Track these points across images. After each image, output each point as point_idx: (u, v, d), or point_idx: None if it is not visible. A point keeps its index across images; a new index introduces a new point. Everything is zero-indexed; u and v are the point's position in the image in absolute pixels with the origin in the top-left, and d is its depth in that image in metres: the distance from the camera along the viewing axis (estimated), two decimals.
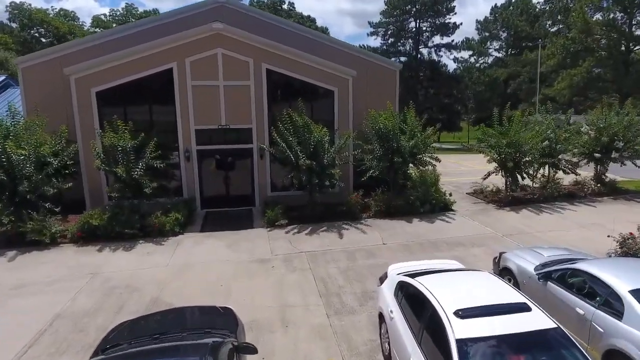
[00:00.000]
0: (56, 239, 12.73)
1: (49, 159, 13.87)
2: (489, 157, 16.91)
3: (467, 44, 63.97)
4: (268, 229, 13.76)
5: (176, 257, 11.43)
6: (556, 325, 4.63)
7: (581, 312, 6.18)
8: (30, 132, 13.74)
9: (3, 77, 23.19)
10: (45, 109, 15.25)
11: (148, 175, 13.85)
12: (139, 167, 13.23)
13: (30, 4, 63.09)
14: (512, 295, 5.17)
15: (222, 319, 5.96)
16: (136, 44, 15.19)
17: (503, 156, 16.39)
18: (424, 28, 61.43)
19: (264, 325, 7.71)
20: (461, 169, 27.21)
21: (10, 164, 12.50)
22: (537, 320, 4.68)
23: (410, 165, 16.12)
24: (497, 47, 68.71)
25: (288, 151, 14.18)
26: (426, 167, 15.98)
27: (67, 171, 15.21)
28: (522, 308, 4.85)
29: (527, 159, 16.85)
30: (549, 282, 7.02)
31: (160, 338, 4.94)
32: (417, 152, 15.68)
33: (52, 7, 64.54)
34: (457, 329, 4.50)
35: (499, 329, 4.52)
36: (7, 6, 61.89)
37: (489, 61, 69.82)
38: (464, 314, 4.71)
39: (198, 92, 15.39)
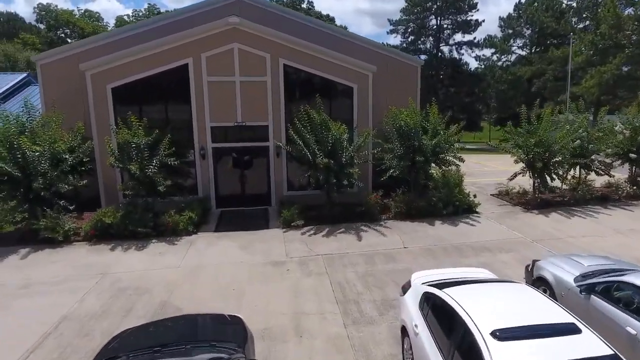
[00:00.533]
0: (69, 236, 12.53)
1: (64, 156, 13.71)
2: (515, 157, 16.04)
3: (489, 41, 62.20)
4: (283, 229, 13.29)
5: (188, 258, 11.06)
6: (612, 352, 3.97)
7: (632, 331, 5.47)
8: (46, 129, 13.64)
9: (24, 75, 23.38)
10: (64, 106, 15.15)
11: (162, 173, 13.59)
12: (153, 164, 12.93)
13: (56, 5, 64.51)
14: (557, 314, 4.53)
15: (231, 330, 5.49)
16: (153, 40, 14.92)
17: (531, 156, 15.51)
18: (445, 25, 60.11)
19: (277, 334, 7.21)
20: (484, 170, 26.27)
21: (25, 160, 12.34)
22: (589, 344, 4.04)
23: (432, 165, 15.41)
24: (521, 44, 66.75)
25: (305, 149, 13.69)
26: (449, 167, 15.25)
27: (83, 168, 15.08)
28: (570, 329, 4.21)
29: (557, 159, 15.91)
30: (592, 296, 6.31)
31: (161, 351, 4.49)
32: (440, 151, 14.96)
33: (77, 8, 65.75)
34: (496, 354, 3.90)
35: (545, 355, 3.90)
36: (34, 7, 63.39)
37: (511, 59, 67.98)
38: (502, 335, 4.11)
39: (214, 88, 15.03)
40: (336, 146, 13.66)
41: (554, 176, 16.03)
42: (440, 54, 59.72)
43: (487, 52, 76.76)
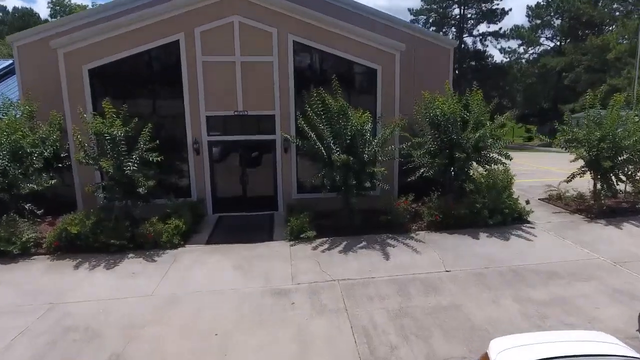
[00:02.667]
0: (29, 249, 10.22)
1: (28, 150, 11.44)
2: (575, 155, 13.13)
3: (516, 32, 58.56)
4: (291, 242, 10.73)
5: (166, 282, 8.59)
6: None
7: None
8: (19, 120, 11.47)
9: (10, 62, 21.30)
10: (46, 94, 12.97)
11: (145, 171, 11.19)
12: (132, 160, 10.51)
13: (70, 0, 63.10)
14: None
15: None
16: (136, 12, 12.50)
17: (595, 153, 12.62)
18: (469, 15, 56.82)
19: None
20: (522, 169, 23.19)
21: None
22: None
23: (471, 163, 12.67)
24: (549, 35, 62.82)
25: (318, 143, 11.11)
26: (495, 166, 12.48)
27: (60, 164, 12.84)
28: None
29: (624, 157, 12.98)
30: None
31: None
32: (483, 146, 12.21)
33: (92, 2, 64.37)
34: None
35: None
36: (48, 2, 62.13)
37: (539, 51, 64.06)
38: None
39: (210, 70, 12.54)
40: (356, 139, 11.05)
41: (622, 177, 13.12)
42: (463, 45, 56.29)
43: (513, 44, 72.84)
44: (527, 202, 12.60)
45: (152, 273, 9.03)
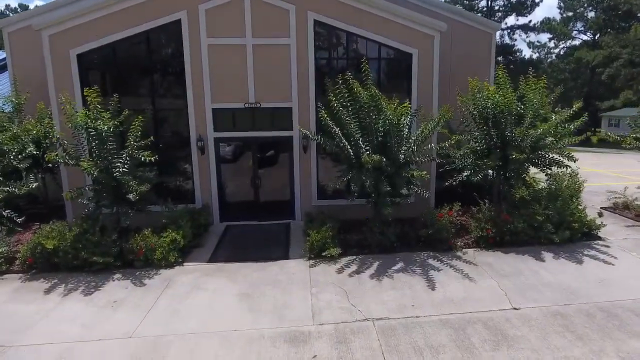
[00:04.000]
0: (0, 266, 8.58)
1: (4, 148, 9.84)
2: None
3: (547, 24, 55.41)
4: (311, 261, 8.81)
5: (153, 316, 6.77)
6: None
7: None
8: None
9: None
10: (43, 85, 11.37)
11: (141, 173, 9.47)
12: (122, 160, 8.75)
13: None
14: None
15: None
16: None
17: None
18: (497, 7, 53.93)
19: None
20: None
21: None
22: None
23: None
24: (582, 28, 59.32)
25: (344, 141, 9.17)
26: (558, 170, 10.31)
27: (50, 164, 11.23)
28: None
29: None
30: None
31: None
32: (543, 146, 10.05)
33: None
34: None
35: None
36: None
37: (569, 44, 60.58)
38: None
39: (216, 54, 10.69)
40: (390, 136, 9.04)
41: None
42: None
43: (543, 37, 69.41)
44: (600, 214, 10.40)
45: (138, 302, 7.22)
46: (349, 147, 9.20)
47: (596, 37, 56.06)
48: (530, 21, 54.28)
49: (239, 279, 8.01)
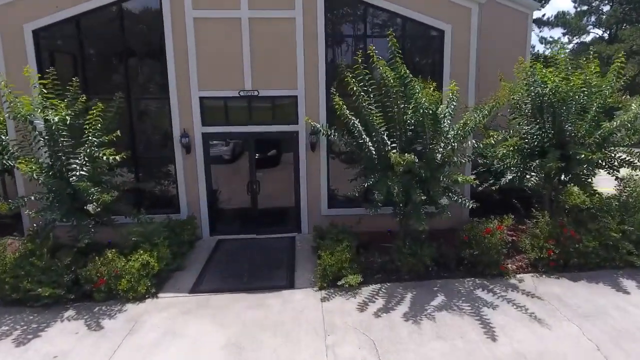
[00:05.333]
0: None
1: None
2: None
3: (561, 18, 53.11)
4: (323, 292, 6.77)
5: None
6: None
7: None
8: None
9: None
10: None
11: (109, 177, 7.52)
12: (80, 162, 6.76)
13: None
14: None
15: None
16: None
17: None
18: None
19: None
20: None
21: None
22: None
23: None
24: (596, 22, 57.00)
25: (364, 136, 7.15)
26: (632, 172, 8.26)
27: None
28: None
29: None
30: None
31: None
32: (614, 143, 8.01)
33: None
34: None
35: None
36: None
37: (582, 40, 58.23)
38: None
39: (205, 30, 8.67)
40: (425, 129, 6.99)
41: None
42: None
43: (556, 33, 67.24)
44: None
45: (86, 357, 5.20)
46: (369, 144, 7.19)
47: (611, 32, 53.78)
48: (544, 15, 51.76)
49: (229, 320, 5.98)
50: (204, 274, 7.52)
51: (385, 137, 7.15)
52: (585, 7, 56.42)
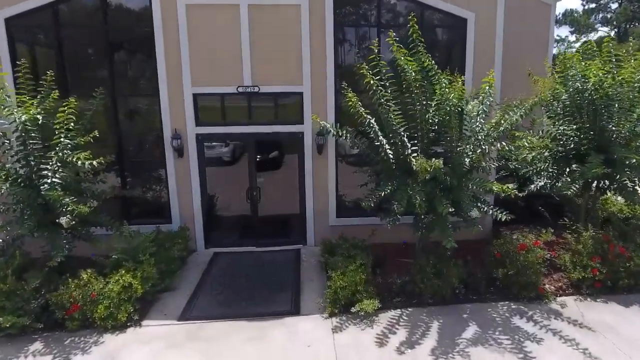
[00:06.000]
0: None
1: None
2: None
3: (569, 16, 52.07)
4: (334, 320, 5.81)
5: None
6: None
7: None
8: None
9: None
10: None
11: (89, 184, 6.60)
12: (51, 167, 5.82)
13: None
14: None
15: None
16: None
17: None
18: None
19: None
20: None
21: None
22: None
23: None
24: (604, 21, 55.93)
25: (380, 137, 6.19)
26: None
27: None
28: None
29: None
30: None
31: None
32: None
33: None
34: None
35: None
36: None
37: (587, 38, 57.16)
38: None
39: (199, 18, 7.71)
40: (450, 129, 6.04)
41: None
42: None
43: (563, 31, 66.24)
44: None
45: None
46: (387, 146, 6.22)
47: (620, 29, 52.69)
48: None
49: (224, 358, 5.01)
50: (196, 296, 6.55)
51: (406, 139, 6.18)
52: (593, 5, 55.39)
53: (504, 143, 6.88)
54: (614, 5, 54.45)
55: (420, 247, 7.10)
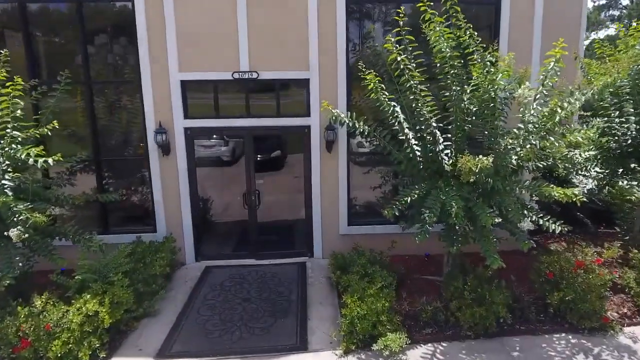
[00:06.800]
0: None
1: None
2: None
3: None
4: (350, 359, 4.60)
5: None
6: None
7: None
8: None
9: None
10: None
11: (53, 190, 5.48)
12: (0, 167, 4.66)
13: None
14: None
15: None
16: None
17: None
18: None
19: None
20: None
21: None
22: None
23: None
24: (615, 17, 54.56)
25: (406, 130, 5.01)
26: None
27: None
28: None
29: None
30: None
31: None
32: None
33: None
34: None
35: None
36: None
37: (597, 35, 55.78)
38: None
39: None
40: (495, 118, 4.86)
41: None
42: None
43: None
44: None
45: None
46: (414, 141, 5.05)
47: (631, 26, 51.34)
48: None
49: None
50: (180, 324, 5.37)
51: (438, 132, 5.00)
52: (603, 1, 54.09)
53: (552, 138, 5.69)
54: (625, 1, 53.18)
55: (450, 263, 5.93)
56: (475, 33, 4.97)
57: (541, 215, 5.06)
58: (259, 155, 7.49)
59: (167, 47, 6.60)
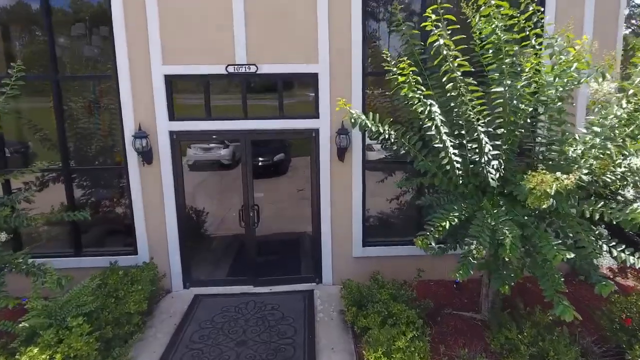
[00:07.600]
0: None
1: None
2: None
3: None
4: None
5: None
6: None
7: None
8: None
9: None
10: None
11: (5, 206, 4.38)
12: None
13: None
14: None
15: None
16: None
17: None
18: None
19: None
20: None
21: None
22: None
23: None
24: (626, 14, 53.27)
25: (444, 136, 3.91)
26: None
27: None
28: None
29: None
30: None
31: None
32: None
33: None
34: None
35: None
36: None
37: None
38: None
39: None
40: (560, 123, 3.75)
41: None
42: None
43: None
44: None
45: None
46: (452, 150, 3.97)
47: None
48: None
49: None
50: None
51: (486, 139, 3.91)
52: None
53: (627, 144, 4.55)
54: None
55: (491, 298, 4.83)
56: (541, 9, 3.86)
57: (613, 244, 3.95)
58: (260, 159, 6.50)
59: (148, 37, 5.51)
